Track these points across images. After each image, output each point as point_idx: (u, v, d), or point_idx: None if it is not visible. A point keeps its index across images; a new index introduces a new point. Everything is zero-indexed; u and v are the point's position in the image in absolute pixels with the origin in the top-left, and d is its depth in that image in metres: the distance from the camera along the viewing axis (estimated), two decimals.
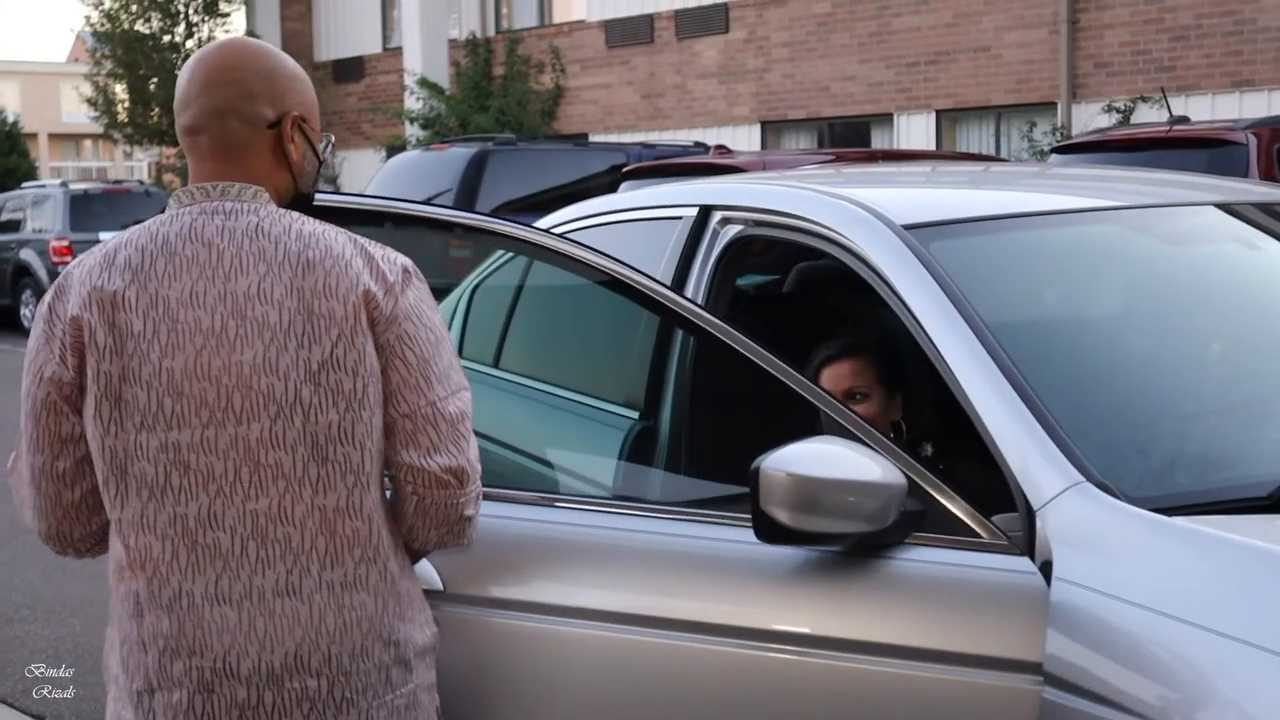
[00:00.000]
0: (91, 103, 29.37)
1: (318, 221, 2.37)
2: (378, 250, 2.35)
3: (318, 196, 2.56)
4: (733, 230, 3.62)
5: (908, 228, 3.11)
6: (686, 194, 3.96)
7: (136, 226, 2.34)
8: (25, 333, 20.89)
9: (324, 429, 2.23)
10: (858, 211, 3.21)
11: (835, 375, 3.61)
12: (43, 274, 20.63)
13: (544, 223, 4.29)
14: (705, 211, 3.69)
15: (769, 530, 2.63)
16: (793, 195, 3.50)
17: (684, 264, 3.65)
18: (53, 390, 2.26)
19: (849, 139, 19.38)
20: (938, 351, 2.87)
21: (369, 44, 26.96)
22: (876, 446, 2.66)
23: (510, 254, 3.87)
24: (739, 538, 2.82)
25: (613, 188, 11.80)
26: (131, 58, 27.97)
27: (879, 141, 18.98)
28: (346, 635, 2.26)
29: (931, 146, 17.71)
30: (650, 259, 3.70)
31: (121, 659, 2.28)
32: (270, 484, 2.22)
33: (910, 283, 2.99)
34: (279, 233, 2.29)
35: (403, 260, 2.37)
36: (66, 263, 20.27)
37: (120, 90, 28.95)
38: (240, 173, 2.33)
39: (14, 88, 51.52)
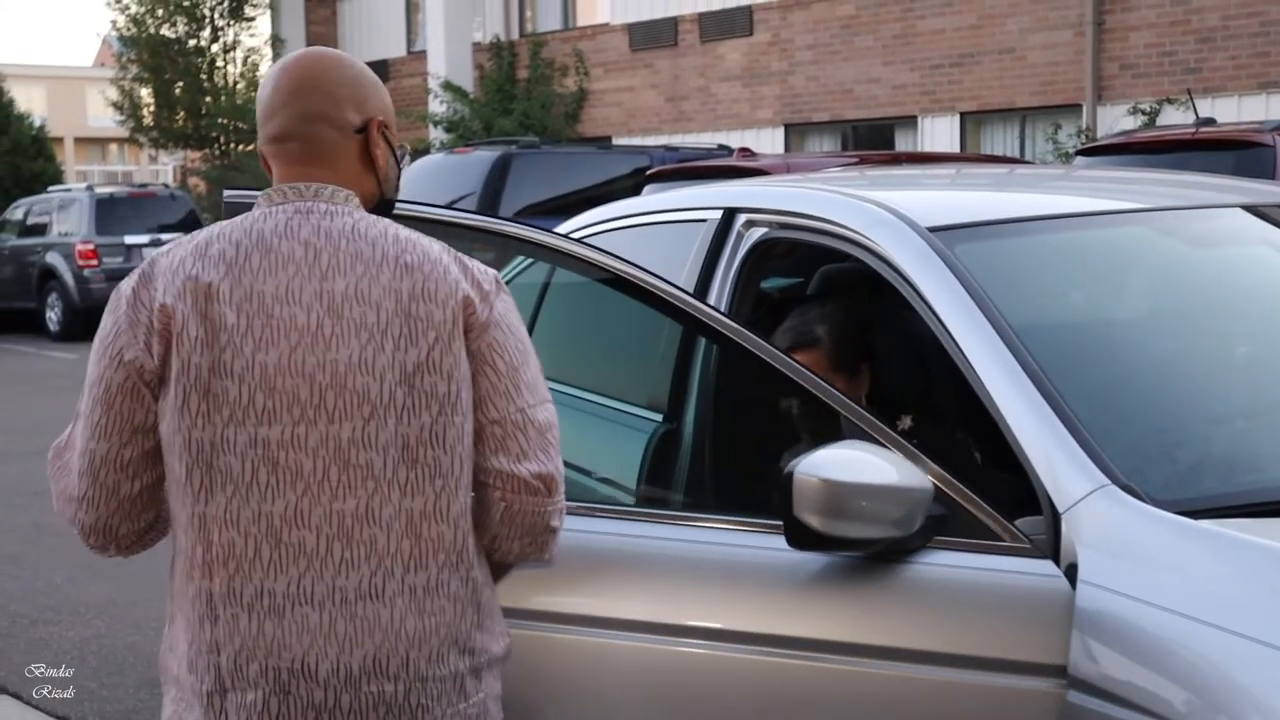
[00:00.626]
0: (117, 106, 29.49)
1: (409, 229, 2.37)
2: (468, 260, 2.35)
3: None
4: (757, 233, 3.61)
5: (933, 230, 3.11)
6: (711, 197, 3.96)
7: (226, 221, 2.33)
8: (51, 336, 21.02)
9: (415, 432, 2.23)
10: (882, 214, 3.20)
11: None
12: (68, 277, 20.71)
13: (567, 226, 4.29)
14: (730, 214, 3.68)
15: (800, 536, 2.62)
16: (817, 197, 3.49)
17: (708, 267, 3.65)
18: (133, 375, 2.23)
19: (873, 142, 19.34)
20: (962, 354, 2.86)
21: (393, 47, 27.02)
22: (901, 450, 2.65)
23: (531, 260, 3.87)
24: (760, 544, 2.82)
25: (636, 190, 11.79)
26: (157, 62, 28.09)
27: (903, 144, 18.93)
28: (425, 641, 2.25)
29: (955, 149, 17.66)
30: (675, 262, 3.70)
31: (188, 660, 2.25)
32: (359, 484, 2.21)
33: (935, 285, 2.99)
34: (376, 235, 2.29)
35: (492, 271, 2.37)
36: (92, 266, 20.58)
37: (146, 94, 29.07)
38: (331, 177, 2.35)
39: (40, 92, 51.77)
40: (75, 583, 7.52)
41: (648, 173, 11.18)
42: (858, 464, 2.59)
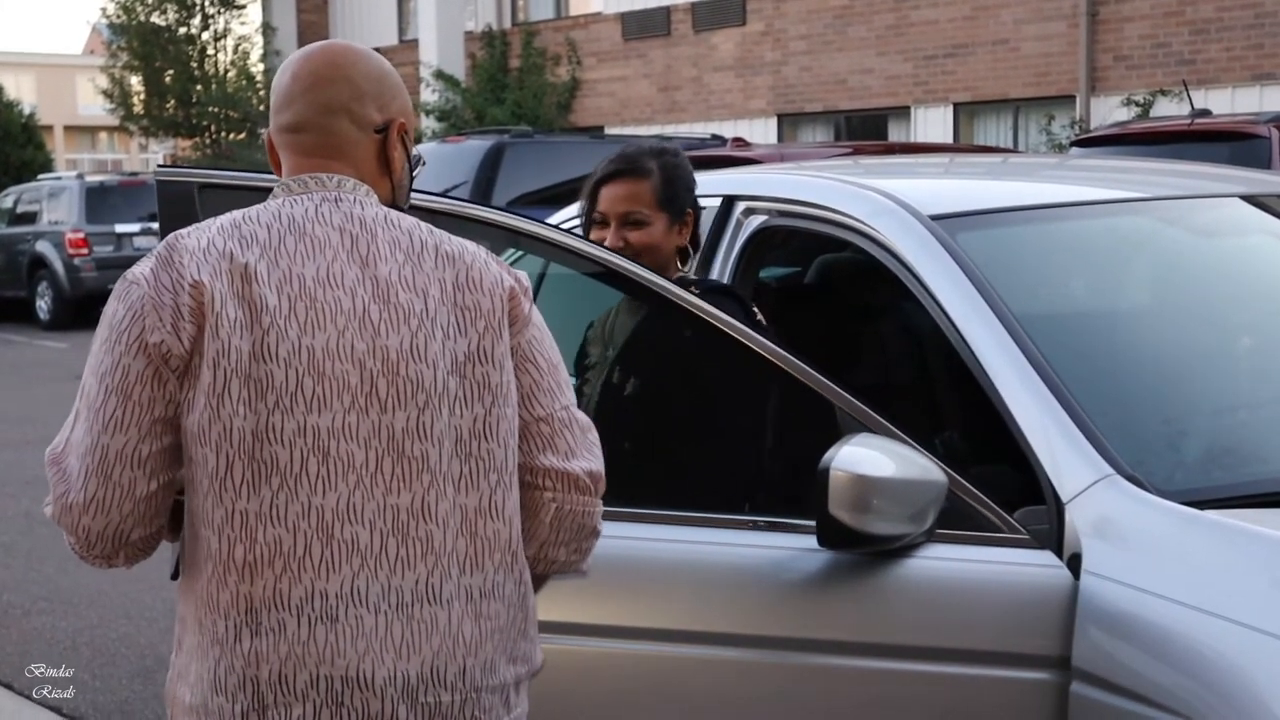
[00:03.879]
0: (107, 95, 29.42)
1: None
2: (496, 256, 2.27)
3: None
4: (757, 221, 3.59)
5: (935, 218, 3.09)
6: (710, 184, 3.92)
7: (244, 209, 2.17)
8: (41, 325, 20.93)
9: (469, 423, 2.10)
10: (885, 202, 3.18)
11: (611, 197, 3.32)
12: (59, 266, 20.64)
13: (561, 216, 4.27)
14: (729, 202, 3.66)
15: (831, 534, 2.58)
16: (818, 186, 3.47)
17: (707, 254, 3.62)
18: (157, 361, 2.03)
19: (866, 132, 19.32)
20: (965, 343, 2.84)
21: (385, 36, 26.95)
22: (906, 443, 2.63)
23: (523, 252, 3.82)
24: (753, 542, 2.79)
25: None
26: (147, 50, 28.02)
27: (896, 135, 18.92)
28: (480, 648, 2.10)
29: (949, 140, 17.66)
30: None
31: (212, 682, 2.04)
32: (414, 478, 2.07)
33: (938, 274, 2.97)
34: (409, 225, 2.18)
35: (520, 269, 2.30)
36: (83, 254, 20.51)
37: (136, 83, 29.00)
38: (350, 171, 2.21)
39: (30, 80, 51.62)
40: (67, 573, 7.49)
41: None
42: (887, 459, 2.56)
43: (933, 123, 18.42)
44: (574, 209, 4.31)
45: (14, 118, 31.87)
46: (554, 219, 4.17)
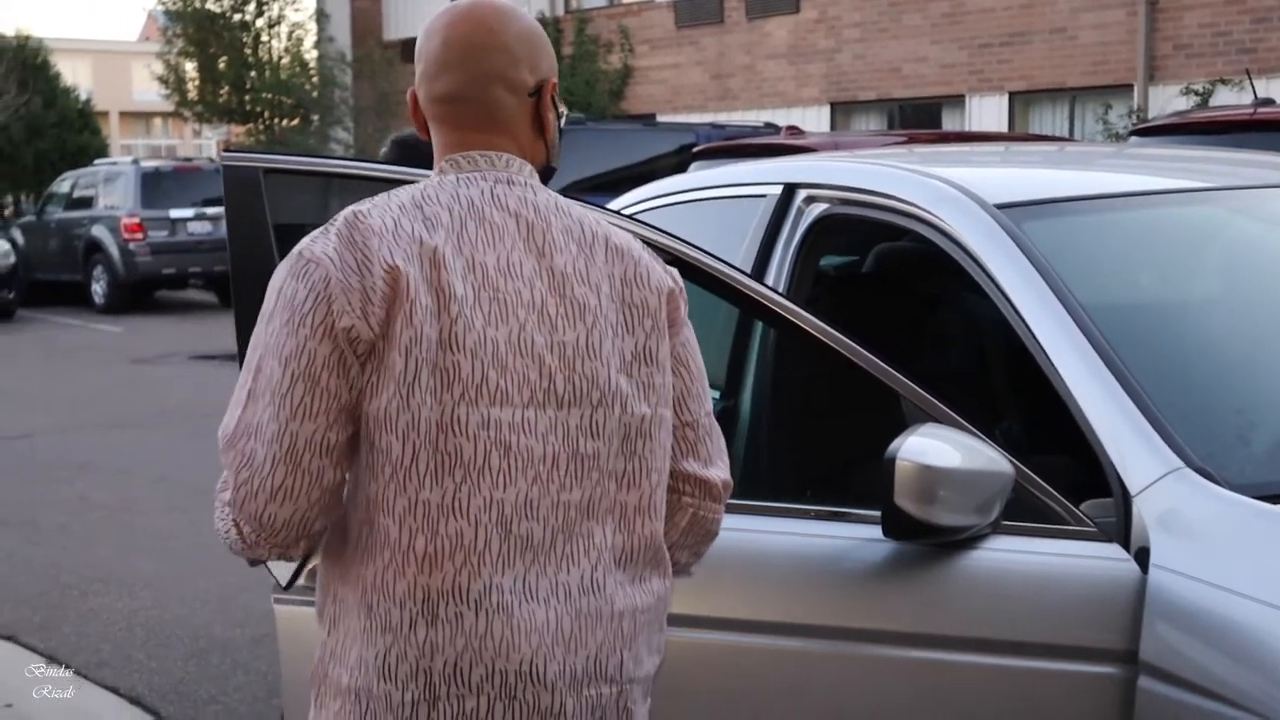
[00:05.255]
0: (163, 81, 29.60)
1: None
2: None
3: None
4: (818, 209, 3.56)
5: (1000, 207, 3.05)
6: (770, 172, 3.90)
7: (418, 185, 2.10)
8: (96, 309, 21.10)
9: (636, 423, 2.09)
10: (949, 190, 3.15)
11: None
12: (114, 251, 20.81)
13: (619, 202, 4.25)
14: (790, 190, 3.63)
15: (896, 525, 2.56)
16: (881, 174, 3.44)
17: (767, 244, 3.60)
18: (344, 346, 1.97)
19: (920, 121, 19.23)
20: (1031, 334, 2.81)
21: None
22: (972, 434, 2.60)
23: None
24: (820, 532, 2.77)
25: (681, 168, 11.73)
26: (202, 36, 28.18)
27: (950, 124, 18.83)
28: (634, 641, 2.11)
29: (1004, 129, 17.54)
30: (731, 238, 3.65)
31: (380, 668, 2.01)
32: (585, 475, 2.06)
33: (1003, 263, 2.93)
34: (580, 213, 2.14)
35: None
36: (138, 239, 20.67)
37: (190, 69, 29.17)
38: (510, 145, 2.15)
39: (86, 66, 51.98)
40: (122, 556, 7.55)
41: (694, 150, 11.10)
42: (954, 449, 2.53)
43: (988, 112, 18.31)
44: (635, 194, 4.30)
45: (70, 104, 32.16)
46: (615, 205, 4.16)
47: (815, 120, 20.08)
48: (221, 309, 20.98)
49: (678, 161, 12.93)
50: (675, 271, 2.21)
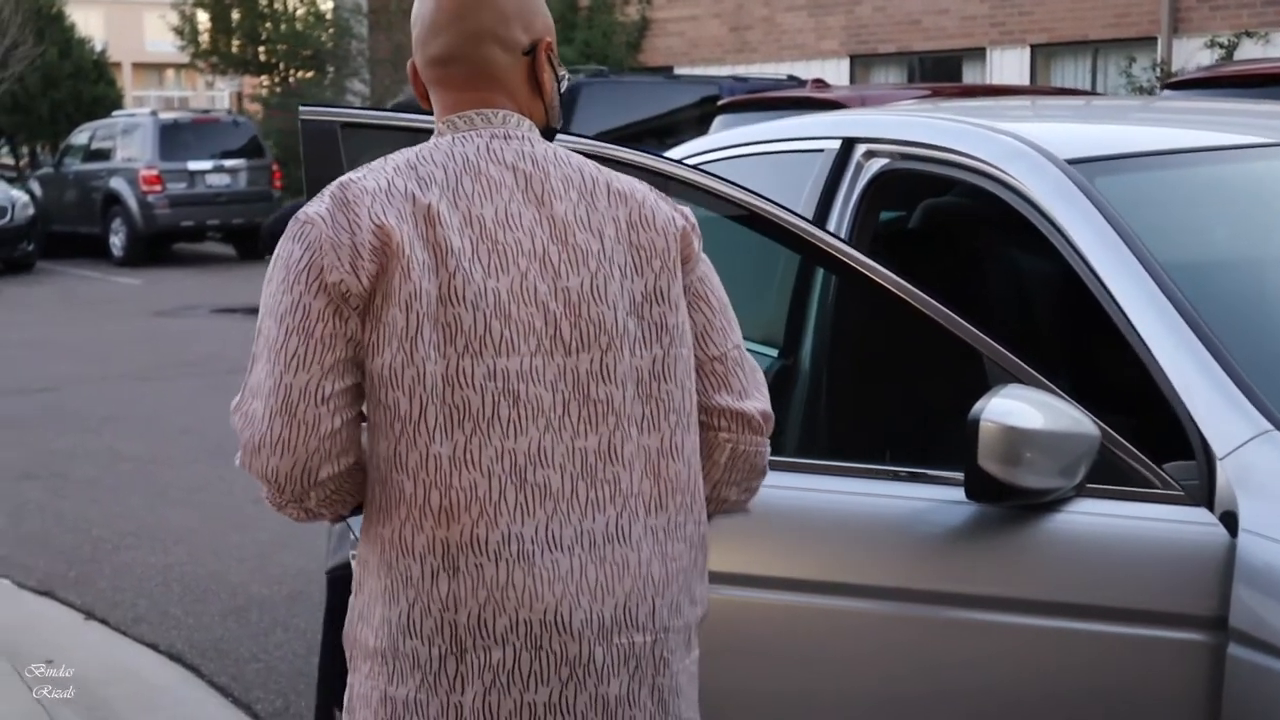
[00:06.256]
0: (178, 32, 29.48)
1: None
2: (659, 192, 2.23)
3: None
4: (878, 164, 3.50)
5: (1071, 162, 3.00)
6: (827, 126, 3.85)
7: (415, 147, 2.13)
8: (115, 261, 21.08)
9: (648, 365, 2.09)
10: (1018, 145, 3.09)
11: None
12: (132, 203, 20.77)
13: (682, 151, 4.19)
14: (848, 144, 3.57)
15: (979, 487, 2.52)
16: (945, 128, 3.37)
17: (825, 199, 3.54)
18: (336, 300, 2.00)
19: (940, 74, 19.07)
20: (1108, 292, 2.76)
21: None
22: (1059, 393, 2.56)
23: None
24: (900, 493, 2.73)
25: (704, 121, 11.64)
26: None
27: (970, 77, 18.67)
28: (668, 588, 2.09)
29: (1025, 82, 17.39)
30: (788, 194, 3.58)
31: (405, 624, 2.03)
32: (600, 420, 2.06)
33: (1077, 220, 2.88)
34: (579, 161, 2.16)
35: (684, 205, 2.26)
36: (156, 191, 20.63)
37: (204, 20, 29.04)
38: (507, 102, 2.17)
39: (99, 16, 51.78)
40: (154, 509, 7.54)
41: (719, 104, 11.01)
42: (1038, 411, 2.49)
43: (1009, 65, 18.15)
44: (685, 149, 4.24)
45: (86, 55, 32.05)
46: (675, 155, 4.10)
47: (835, 73, 19.92)
48: (240, 262, 20.95)
49: (700, 114, 12.87)
50: (687, 209, 2.21)
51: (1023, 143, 3.10)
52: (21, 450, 8.98)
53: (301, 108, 2.67)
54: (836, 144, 3.60)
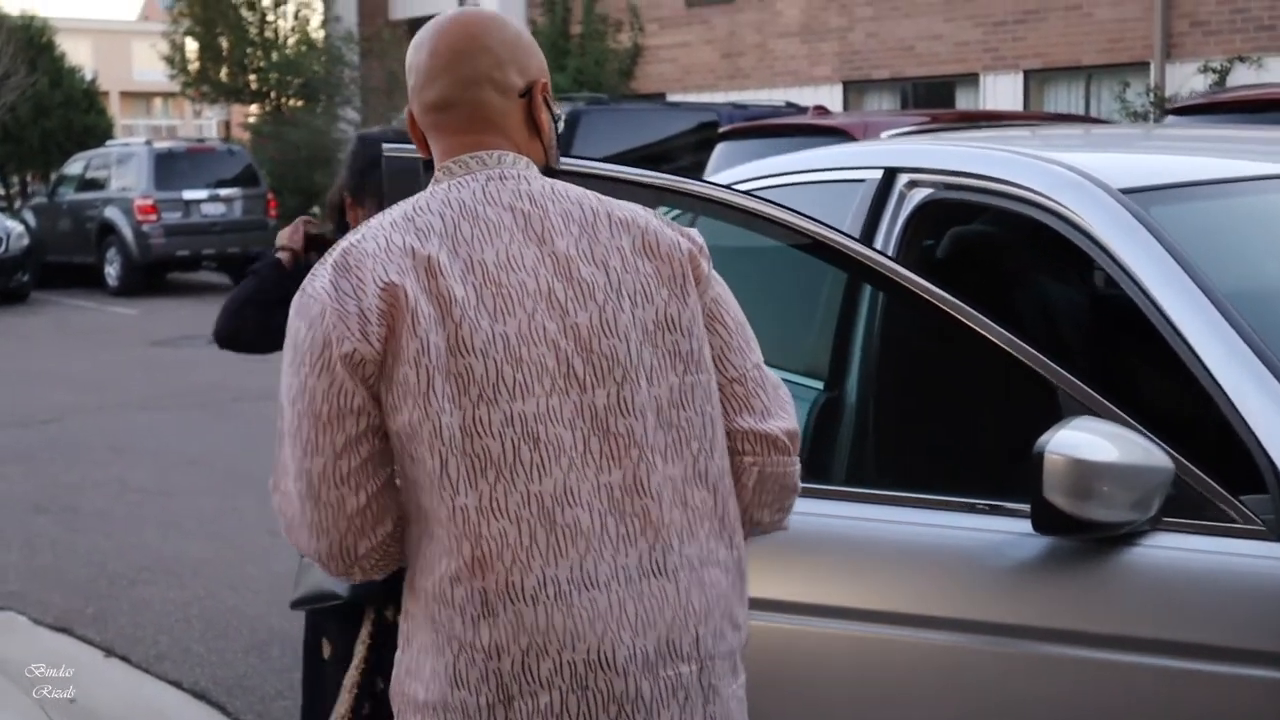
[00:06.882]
0: (169, 61, 29.48)
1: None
2: (662, 216, 2.24)
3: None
4: (920, 194, 3.49)
5: (1126, 192, 2.99)
6: (869, 155, 3.84)
7: (409, 199, 2.15)
8: (109, 291, 21.01)
9: (665, 393, 2.08)
10: (1070, 175, 3.08)
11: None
12: (127, 232, 20.72)
13: (730, 176, 4.19)
14: (890, 174, 3.56)
15: (1046, 520, 2.51)
16: (992, 158, 3.36)
17: (868, 230, 3.53)
18: (345, 374, 2.01)
19: (933, 100, 19.12)
20: (1169, 323, 2.74)
21: (445, 1, 26.85)
22: (1132, 427, 2.55)
23: (678, 211, 3.74)
24: (973, 525, 2.72)
25: (702, 148, 11.66)
26: (209, 15, 28.04)
27: (964, 103, 18.72)
28: (709, 616, 2.08)
29: (1019, 108, 17.44)
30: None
31: (451, 676, 2.03)
32: (623, 453, 2.05)
33: (1135, 250, 2.86)
34: (578, 194, 2.15)
35: (692, 228, 2.26)
36: (151, 221, 20.59)
37: (193, 51, 29.03)
38: (504, 143, 2.19)
39: (86, 46, 51.73)
40: (168, 541, 7.49)
41: (719, 131, 11.02)
42: (1107, 442, 2.48)
43: (1002, 90, 18.21)
44: (723, 178, 4.23)
45: (76, 84, 32.03)
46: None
47: (828, 99, 19.92)
48: None
49: (698, 141, 12.91)
50: (693, 232, 2.20)
51: (1075, 172, 3.09)
52: (31, 483, 8.93)
53: (385, 145, 2.68)
54: (878, 174, 3.59)
